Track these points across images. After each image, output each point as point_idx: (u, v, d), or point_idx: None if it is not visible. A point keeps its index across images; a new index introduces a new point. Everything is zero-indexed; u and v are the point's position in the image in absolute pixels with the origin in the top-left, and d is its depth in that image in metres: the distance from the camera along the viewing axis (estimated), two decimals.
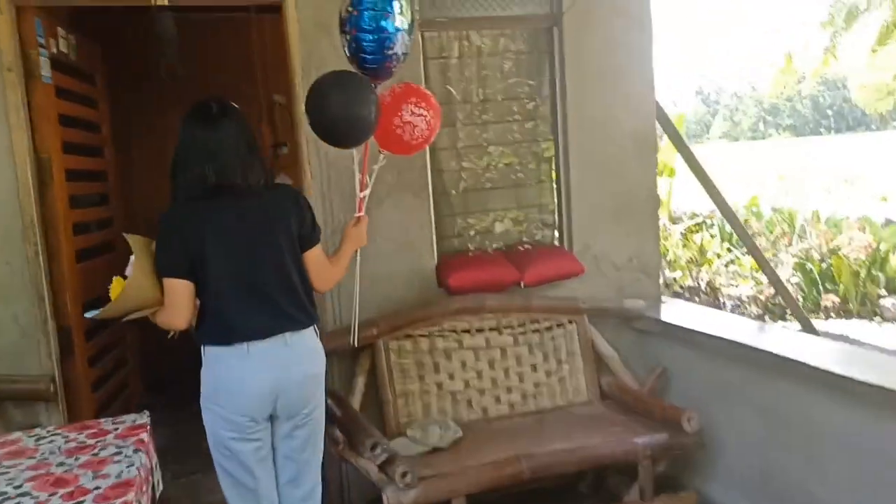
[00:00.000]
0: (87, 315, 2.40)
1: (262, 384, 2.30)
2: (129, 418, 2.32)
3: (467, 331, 3.46)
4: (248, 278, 2.32)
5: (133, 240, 2.31)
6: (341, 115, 2.47)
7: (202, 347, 2.35)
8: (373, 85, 2.55)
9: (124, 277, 2.28)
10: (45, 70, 3.17)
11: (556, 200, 3.85)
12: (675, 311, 3.78)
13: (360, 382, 3.28)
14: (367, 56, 2.50)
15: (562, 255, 3.70)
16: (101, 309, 2.32)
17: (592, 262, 3.80)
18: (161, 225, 2.31)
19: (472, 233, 3.74)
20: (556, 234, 3.87)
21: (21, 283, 3.02)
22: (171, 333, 2.39)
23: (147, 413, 2.36)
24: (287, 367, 2.34)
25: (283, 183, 2.91)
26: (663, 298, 3.97)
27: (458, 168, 3.71)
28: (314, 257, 2.48)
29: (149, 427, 2.28)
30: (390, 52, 2.50)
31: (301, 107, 3.12)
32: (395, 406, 3.31)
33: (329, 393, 3.07)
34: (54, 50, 3.28)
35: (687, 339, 3.46)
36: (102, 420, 2.34)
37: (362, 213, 2.74)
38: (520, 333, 3.53)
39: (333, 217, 3.40)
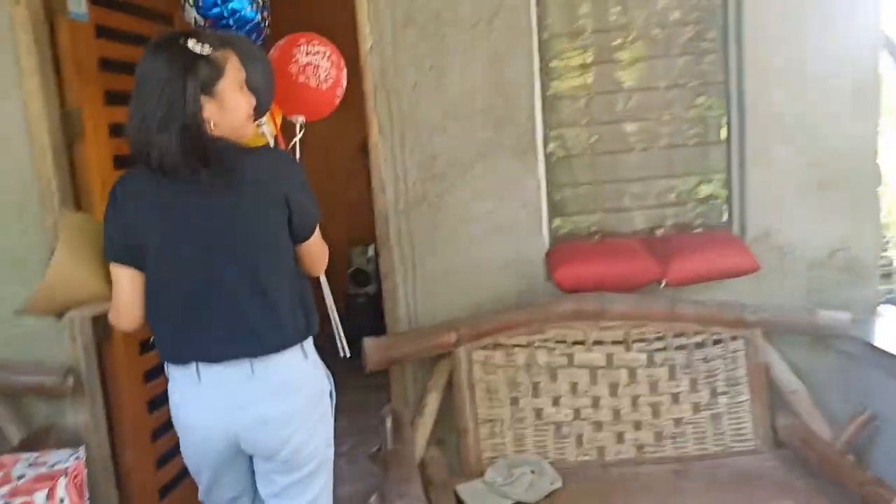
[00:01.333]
0: (15, 312, 1.97)
1: (210, 423, 1.73)
2: (55, 458, 1.72)
3: (581, 342, 2.55)
4: (204, 276, 1.70)
5: (68, 218, 1.97)
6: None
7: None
8: None
9: None
10: (77, 5, 2.66)
11: (726, 169, 2.80)
12: None
13: (433, 402, 2.51)
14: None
15: (726, 245, 2.65)
16: (28, 302, 1.87)
17: (774, 256, 2.71)
18: (109, 197, 1.77)
19: (600, 211, 2.80)
20: (725, 215, 2.82)
21: (39, 257, 2.56)
22: None
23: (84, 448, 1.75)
24: (247, 405, 1.72)
25: (272, 147, 2.17)
26: (881, 310, 2.78)
27: (584, 121, 2.77)
28: (308, 247, 1.83)
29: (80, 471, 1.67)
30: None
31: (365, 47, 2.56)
32: (477, 436, 2.50)
33: (391, 414, 2.37)
34: None
35: None
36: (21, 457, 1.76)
37: None
38: (657, 350, 2.57)
39: (408, 187, 2.63)
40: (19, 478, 1.66)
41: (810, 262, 2.72)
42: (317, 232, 1.84)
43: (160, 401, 2.93)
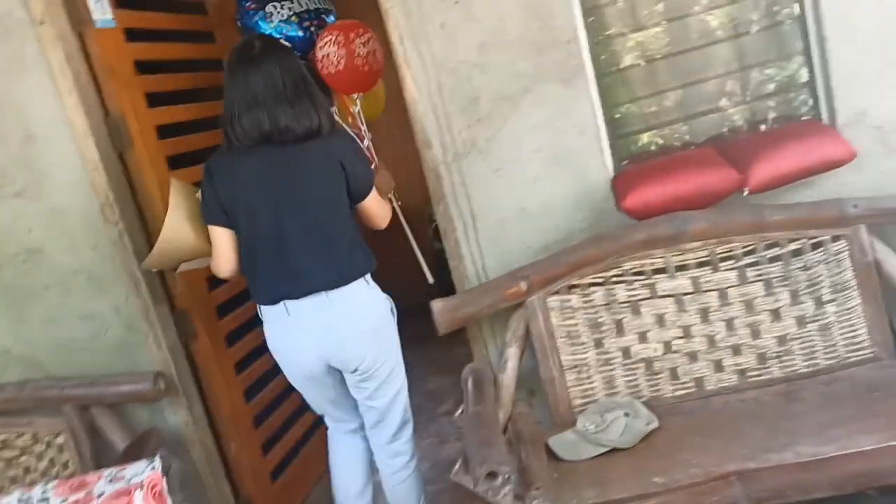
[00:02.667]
0: (142, 265, 2.41)
1: (304, 346, 2.20)
2: (132, 471, 1.76)
3: (662, 270, 2.37)
4: (281, 232, 2.13)
5: (176, 186, 2.26)
6: None
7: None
8: None
9: None
10: (102, 13, 2.65)
11: (802, 46, 2.48)
12: None
13: (514, 356, 2.40)
14: None
15: (813, 135, 2.36)
16: (147, 259, 2.30)
17: (873, 138, 2.40)
18: (203, 171, 2.20)
19: (666, 123, 2.56)
20: (810, 101, 2.51)
21: (113, 269, 2.62)
22: None
23: (159, 457, 1.79)
24: (330, 327, 2.16)
25: (340, 129, 2.43)
26: None
27: (633, 28, 2.52)
28: (368, 205, 2.26)
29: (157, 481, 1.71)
30: None
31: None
32: (564, 384, 2.39)
33: (472, 374, 2.31)
34: None
35: None
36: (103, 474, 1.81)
37: (375, 161, 2.53)
38: (748, 266, 2.34)
39: (454, 137, 2.49)
40: (99, 495, 1.71)
41: None
42: (373, 192, 2.24)
43: (256, 389, 3.01)
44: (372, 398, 2.31)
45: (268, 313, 2.22)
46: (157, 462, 1.80)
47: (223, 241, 2.18)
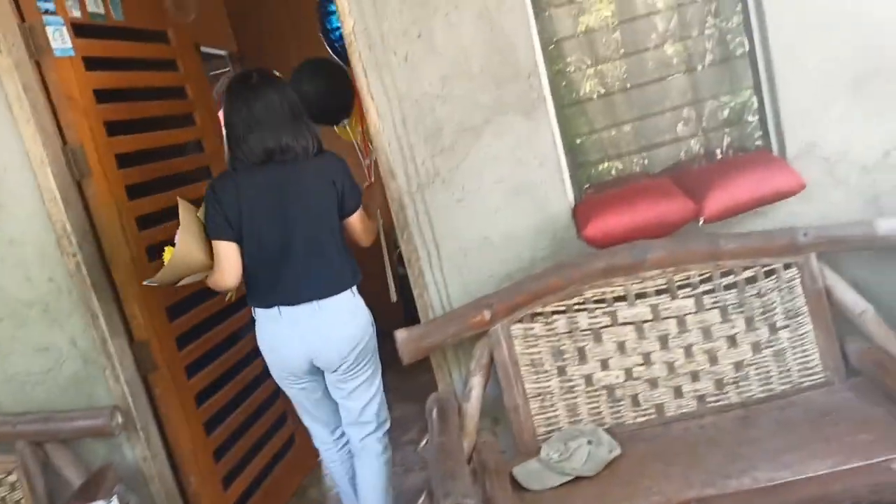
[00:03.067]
0: (145, 283, 2.47)
1: (293, 347, 2.40)
2: None
3: (622, 298, 2.41)
4: (280, 244, 2.35)
5: (183, 205, 2.37)
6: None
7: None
8: None
9: (173, 245, 2.33)
10: (61, 42, 2.63)
11: (752, 80, 2.57)
12: None
13: (478, 385, 2.41)
14: None
15: (764, 165, 2.44)
16: (156, 275, 2.37)
17: (822, 169, 2.49)
18: (207, 191, 2.38)
19: (623, 154, 2.63)
20: (758, 133, 2.60)
21: (70, 301, 2.58)
22: (228, 296, 2.70)
23: (116, 496, 1.75)
24: (317, 332, 2.37)
25: (329, 151, 2.50)
26: None
27: (591, 61, 2.58)
28: (354, 222, 2.47)
29: None
30: None
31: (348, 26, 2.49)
32: (528, 412, 2.41)
33: (436, 403, 2.31)
34: (76, 13, 2.73)
35: None
36: None
37: (372, 180, 2.80)
38: (705, 293, 2.40)
39: (417, 167, 2.51)
40: None
41: (863, 168, 2.49)
42: (360, 211, 2.45)
43: (216, 421, 2.96)
44: (350, 398, 2.51)
45: (261, 315, 2.43)
46: (115, 501, 1.76)
47: (229, 254, 2.34)
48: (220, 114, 3.01)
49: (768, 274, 2.40)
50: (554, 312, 2.42)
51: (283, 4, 5.30)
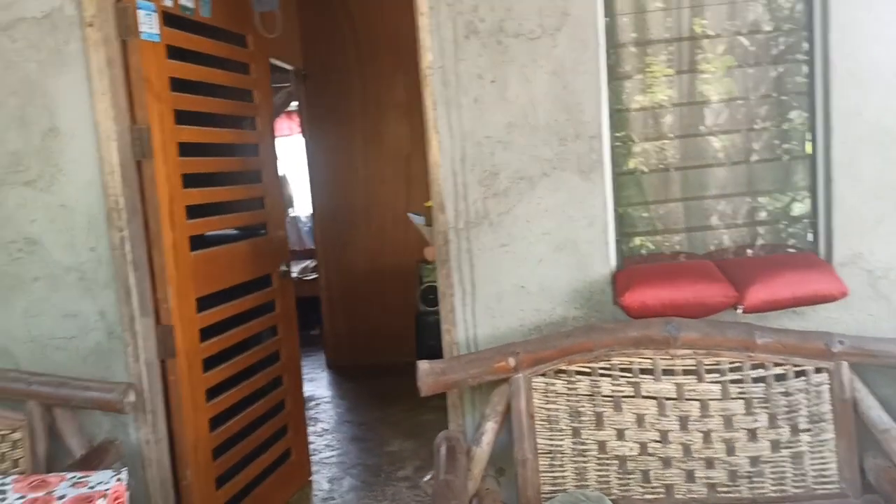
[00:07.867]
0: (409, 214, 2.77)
1: None
2: (97, 478, 1.72)
3: (649, 371, 2.40)
4: None
5: None
6: None
7: None
8: None
9: None
10: (149, 27, 2.72)
11: (810, 184, 2.60)
12: None
13: (490, 430, 2.40)
14: None
15: (810, 268, 2.45)
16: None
17: (863, 280, 2.49)
18: None
19: (671, 230, 2.65)
20: (810, 235, 2.62)
21: (107, 274, 2.61)
22: None
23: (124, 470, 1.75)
24: None
25: None
26: None
27: (652, 135, 2.63)
28: None
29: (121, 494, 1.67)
30: None
31: (426, 61, 2.50)
32: (535, 468, 2.39)
33: (445, 441, 2.30)
34: (167, 3, 2.83)
35: None
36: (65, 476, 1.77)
37: None
38: (732, 381, 2.39)
39: (468, 205, 2.54)
40: (60, 498, 1.66)
41: None
42: None
43: (222, 418, 2.96)
44: None
45: None
46: (125, 474, 1.76)
47: None
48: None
49: (798, 374, 2.38)
50: (578, 372, 2.42)
51: (351, 30, 5.46)
